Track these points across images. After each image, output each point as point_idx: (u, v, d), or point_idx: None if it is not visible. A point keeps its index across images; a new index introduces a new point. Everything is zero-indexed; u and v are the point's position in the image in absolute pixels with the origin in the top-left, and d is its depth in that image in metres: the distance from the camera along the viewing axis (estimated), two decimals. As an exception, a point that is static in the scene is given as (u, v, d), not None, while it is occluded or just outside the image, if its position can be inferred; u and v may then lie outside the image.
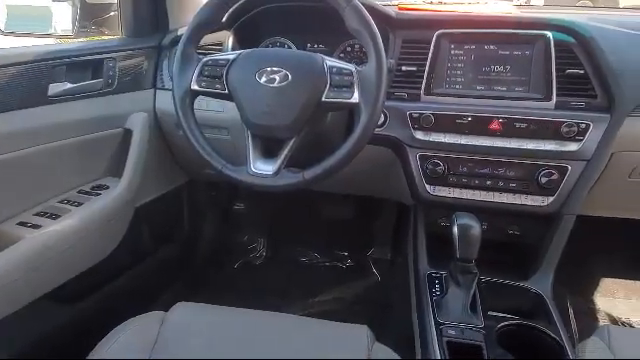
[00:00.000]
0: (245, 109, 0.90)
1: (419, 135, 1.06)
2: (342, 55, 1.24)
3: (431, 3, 1.24)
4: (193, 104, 0.93)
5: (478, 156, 1.04)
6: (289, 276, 1.75)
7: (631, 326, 1.56)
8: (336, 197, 1.65)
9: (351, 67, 0.87)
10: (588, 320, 1.57)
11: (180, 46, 0.93)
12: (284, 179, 0.89)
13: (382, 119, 1.08)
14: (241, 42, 1.24)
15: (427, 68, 1.06)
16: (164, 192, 1.41)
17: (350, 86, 0.86)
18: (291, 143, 0.90)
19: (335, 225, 1.80)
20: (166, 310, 0.88)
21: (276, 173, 0.89)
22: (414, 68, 1.08)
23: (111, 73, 1.17)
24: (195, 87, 0.91)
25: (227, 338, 0.85)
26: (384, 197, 1.34)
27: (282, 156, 0.90)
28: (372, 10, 1.02)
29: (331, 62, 0.88)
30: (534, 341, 0.89)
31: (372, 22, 0.85)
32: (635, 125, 1.02)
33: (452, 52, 1.07)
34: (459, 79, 1.07)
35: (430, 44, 1.06)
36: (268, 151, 0.93)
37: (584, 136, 0.99)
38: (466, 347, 0.84)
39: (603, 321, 1.59)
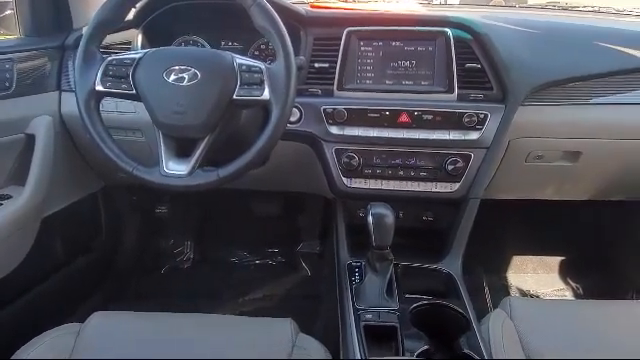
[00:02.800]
0: (154, 109, 0.88)
1: (333, 130, 1.09)
2: (257, 53, 1.24)
3: (345, 1, 1.28)
4: (99, 106, 0.90)
5: (390, 147, 1.09)
6: (219, 277, 1.73)
7: (538, 297, 1.70)
8: (263, 194, 1.65)
9: (260, 64, 0.88)
10: (502, 295, 1.70)
11: (81, 45, 0.89)
12: (198, 178, 0.88)
13: (297, 115, 1.10)
14: (151, 41, 1.20)
15: (338, 64, 1.10)
16: (77, 200, 1.34)
17: (260, 83, 0.87)
18: (205, 142, 0.89)
19: (264, 222, 1.81)
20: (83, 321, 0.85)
21: (190, 173, 0.88)
22: (326, 65, 1.11)
23: (8, 75, 1.10)
24: (99, 88, 0.88)
25: (146, 343, 0.83)
26: (306, 192, 1.36)
27: (196, 155, 0.89)
28: (282, 8, 1.04)
29: (240, 60, 0.89)
30: (444, 317, 0.95)
31: (278, 19, 0.87)
32: (527, 114, 1.12)
33: (362, 49, 1.11)
34: (369, 74, 1.11)
35: (340, 41, 1.10)
36: (181, 151, 0.92)
37: (483, 125, 1.06)
38: (382, 329, 0.89)
39: (514, 295, 1.72)
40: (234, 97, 0.87)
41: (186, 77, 0.87)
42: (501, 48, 1.08)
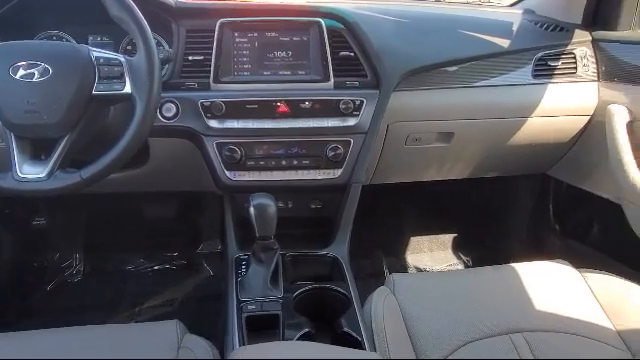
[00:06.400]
0: (2, 109, 0.81)
1: (213, 123, 1.07)
2: (129, 47, 1.18)
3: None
4: None
5: (271, 138, 1.09)
6: (114, 288, 1.63)
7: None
8: (155, 196, 1.59)
9: (120, 57, 0.85)
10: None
11: None
12: (59, 181, 0.82)
13: (173, 110, 1.06)
14: (7, 36, 1.10)
15: (213, 57, 1.07)
16: None
17: (121, 77, 0.83)
18: (64, 142, 0.84)
19: (160, 225, 1.73)
20: None
21: (49, 175, 0.82)
22: (201, 57, 1.08)
23: None
24: None
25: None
26: (195, 190, 1.33)
27: (55, 157, 0.83)
28: None
29: (98, 53, 0.85)
30: (329, 300, 0.97)
31: (135, 8, 0.83)
32: (401, 99, 1.17)
33: (236, 40, 1.10)
34: (246, 66, 1.10)
35: (214, 33, 1.07)
36: (38, 153, 0.85)
37: (360, 111, 1.10)
38: (264, 318, 0.89)
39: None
40: (94, 92, 0.83)
41: (36, 73, 0.81)
42: (372, 36, 1.12)
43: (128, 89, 0.83)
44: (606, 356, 0.83)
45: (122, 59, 0.84)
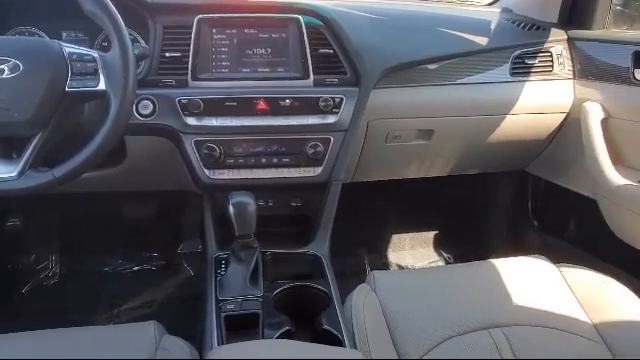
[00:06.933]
0: None
1: (191, 121, 1.05)
2: (105, 44, 1.16)
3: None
4: None
5: (250, 136, 1.08)
6: (91, 290, 1.60)
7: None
8: (134, 195, 1.56)
9: (94, 52, 0.83)
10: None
11: None
12: (30, 180, 0.80)
13: (150, 108, 1.04)
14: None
15: (191, 54, 1.06)
16: None
17: (94, 73, 0.81)
18: (36, 140, 0.81)
19: (139, 225, 1.70)
20: None
21: (20, 174, 0.80)
22: (178, 54, 1.06)
23: None
24: None
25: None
26: (174, 189, 1.31)
27: (26, 155, 0.81)
28: None
29: (71, 48, 0.83)
30: (309, 298, 0.97)
31: (109, 3, 0.82)
32: (381, 96, 1.18)
33: (215, 37, 1.08)
34: (225, 63, 1.09)
35: (191, 29, 1.06)
36: (9, 151, 0.83)
37: (340, 109, 1.10)
38: (244, 317, 0.88)
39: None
40: (67, 89, 0.81)
41: (6, 69, 0.79)
42: (351, 33, 1.12)
43: (102, 86, 0.81)
44: (582, 349, 0.84)
45: (96, 55, 0.82)
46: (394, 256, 1.88)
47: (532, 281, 1.00)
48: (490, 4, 1.55)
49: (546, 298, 0.94)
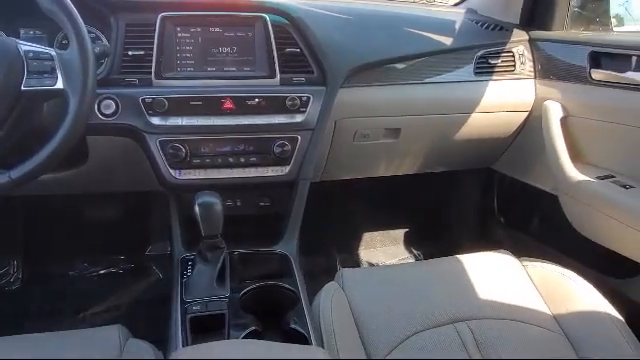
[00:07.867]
0: None
1: (155, 120, 1.03)
2: (65, 42, 1.12)
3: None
4: None
5: (217, 135, 1.07)
6: (55, 295, 1.55)
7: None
8: (99, 197, 1.52)
9: (51, 51, 0.81)
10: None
11: None
12: None
13: (113, 107, 1.02)
14: None
15: (155, 52, 1.04)
16: None
17: (52, 72, 0.79)
18: None
19: (105, 228, 1.66)
20: None
21: None
22: (142, 52, 1.04)
23: None
24: None
25: None
26: (140, 190, 1.28)
27: None
28: None
29: (27, 46, 0.80)
30: (277, 298, 0.97)
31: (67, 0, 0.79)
32: (349, 95, 1.18)
33: (179, 35, 1.07)
34: (190, 62, 1.07)
35: (155, 27, 1.04)
36: (-39, 153, 0.80)
37: (307, 108, 1.10)
38: (210, 319, 0.87)
39: (364, 269, 1.83)
40: (23, 88, 0.79)
41: None
42: (317, 32, 1.12)
43: (60, 84, 0.79)
44: (543, 339, 0.87)
45: (53, 53, 0.80)
46: (365, 254, 1.89)
47: (496, 275, 1.02)
48: (456, 5, 1.58)
49: (509, 292, 0.97)
